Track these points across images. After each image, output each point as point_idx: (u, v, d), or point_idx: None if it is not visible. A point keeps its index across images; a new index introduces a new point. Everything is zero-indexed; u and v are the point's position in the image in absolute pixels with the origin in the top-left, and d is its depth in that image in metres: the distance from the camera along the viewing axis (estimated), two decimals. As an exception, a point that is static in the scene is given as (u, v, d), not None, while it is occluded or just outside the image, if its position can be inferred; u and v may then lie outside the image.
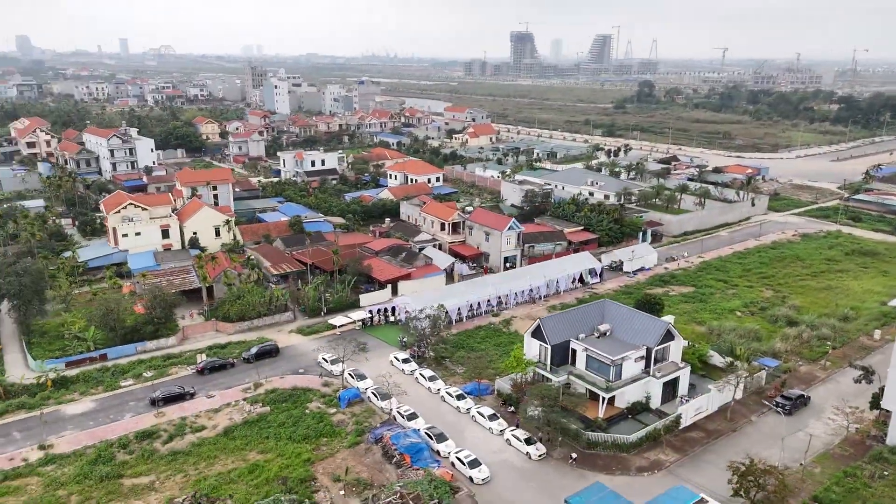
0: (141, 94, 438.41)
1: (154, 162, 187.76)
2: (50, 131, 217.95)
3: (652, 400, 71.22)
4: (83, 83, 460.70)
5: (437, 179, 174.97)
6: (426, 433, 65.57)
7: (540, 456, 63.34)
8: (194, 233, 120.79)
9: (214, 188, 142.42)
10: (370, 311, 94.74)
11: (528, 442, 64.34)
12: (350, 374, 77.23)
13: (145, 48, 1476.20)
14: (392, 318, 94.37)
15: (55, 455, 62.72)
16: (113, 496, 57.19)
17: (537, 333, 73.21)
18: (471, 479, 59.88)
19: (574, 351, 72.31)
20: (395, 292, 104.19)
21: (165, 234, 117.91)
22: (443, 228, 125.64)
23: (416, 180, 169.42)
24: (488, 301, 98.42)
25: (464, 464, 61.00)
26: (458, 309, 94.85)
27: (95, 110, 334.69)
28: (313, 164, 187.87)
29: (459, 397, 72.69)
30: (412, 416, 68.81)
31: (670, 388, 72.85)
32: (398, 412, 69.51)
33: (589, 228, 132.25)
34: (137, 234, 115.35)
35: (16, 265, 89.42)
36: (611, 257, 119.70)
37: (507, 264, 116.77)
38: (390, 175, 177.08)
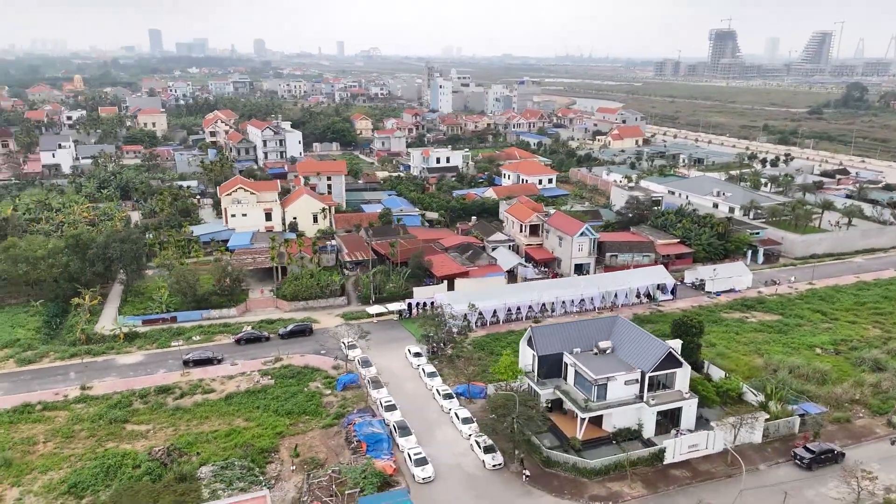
0: (331, 92, 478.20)
1: (300, 153, 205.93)
2: (230, 123, 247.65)
3: (644, 429, 65.87)
4: (286, 81, 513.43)
5: (550, 181, 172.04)
6: (394, 425, 66.90)
7: (494, 466, 61.81)
8: (294, 218, 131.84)
9: (329, 178, 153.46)
10: (409, 304, 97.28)
11: (488, 450, 63.00)
12: (358, 361, 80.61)
13: (357, 50, 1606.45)
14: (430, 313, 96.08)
15: (89, 396, 73.65)
16: (111, 437, 66.09)
17: (531, 342, 70.92)
18: (413, 476, 60.29)
19: (566, 365, 69.04)
20: (451, 288, 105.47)
21: (269, 217, 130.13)
22: (522, 230, 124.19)
23: (526, 180, 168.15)
24: (530, 307, 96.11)
25: (411, 460, 61.52)
26: (495, 311, 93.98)
27: (287, 105, 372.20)
28: (438, 161, 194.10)
29: (447, 396, 72.82)
30: (390, 408, 70.44)
31: (670, 419, 66.75)
32: (379, 402, 71.51)
33: (686, 242, 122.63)
34: (244, 215, 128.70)
35: (122, 234, 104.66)
36: (695, 274, 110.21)
37: (584, 272, 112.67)
38: (504, 175, 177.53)
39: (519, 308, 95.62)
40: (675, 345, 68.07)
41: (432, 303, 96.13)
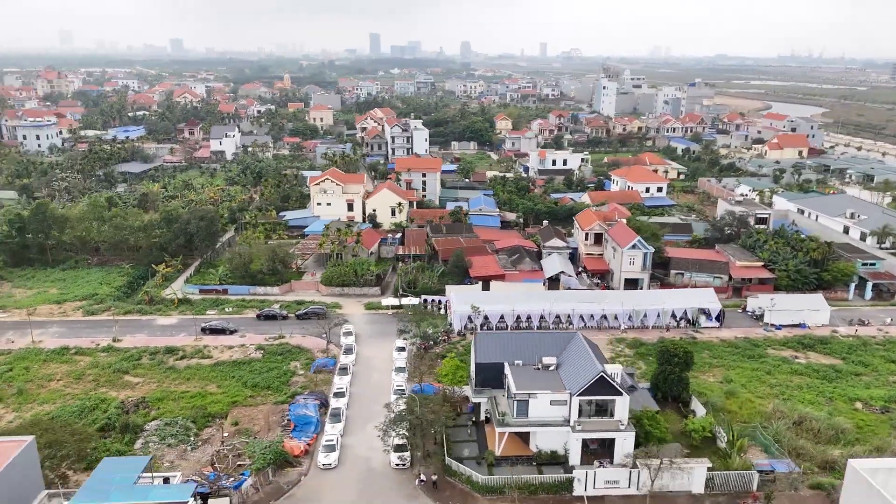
0: (505, 92, 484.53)
1: (426, 150, 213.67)
2: (379, 120, 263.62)
3: (570, 455, 61.44)
4: (462, 82, 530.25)
5: (659, 190, 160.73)
6: (332, 411, 69.55)
7: (397, 465, 61.83)
8: (374, 210, 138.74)
9: (423, 175, 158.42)
10: (423, 300, 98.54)
11: (398, 448, 63.06)
12: (343, 348, 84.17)
13: (559, 52, 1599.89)
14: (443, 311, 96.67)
15: (113, 347, 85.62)
16: (108, 384, 76.63)
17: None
18: (318, 461, 62.55)
19: (505, 376, 66.38)
20: (486, 288, 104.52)
21: (350, 207, 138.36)
22: (586, 238, 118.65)
23: (631, 187, 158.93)
24: (542, 317, 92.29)
25: (321, 445, 63.78)
26: (502, 316, 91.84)
27: (453, 105, 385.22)
28: (553, 163, 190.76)
29: (398, 392, 73.65)
30: (339, 395, 73.18)
31: (603, 448, 61.47)
32: (333, 388, 74.47)
33: (771, 266, 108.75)
34: (329, 204, 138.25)
35: (200, 212, 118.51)
36: (757, 303, 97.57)
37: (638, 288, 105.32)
38: (613, 180, 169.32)
39: (529, 316, 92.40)
40: (615, 370, 62.08)
41: (446, 301, 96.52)
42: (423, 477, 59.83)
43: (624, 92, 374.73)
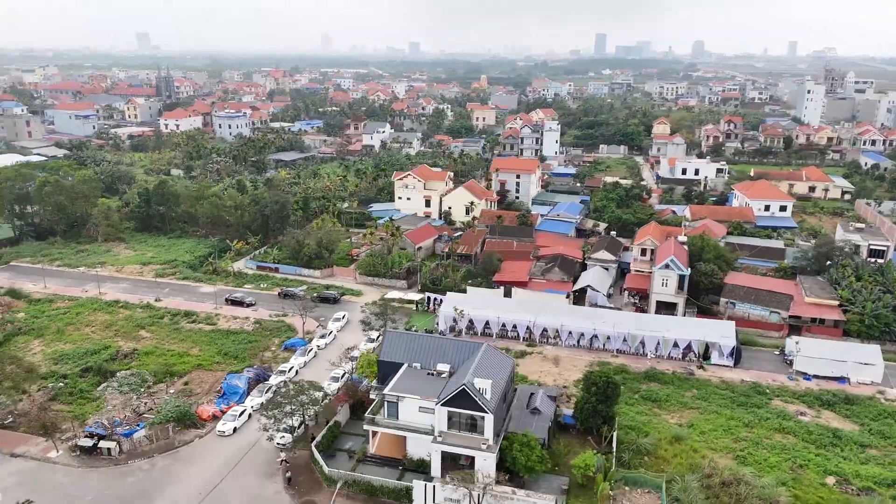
0: (706, 95, 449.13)
1: (556, 152, 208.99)
2: (528, 122, 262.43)
3: (432, 465, 59.56)
4: (661, 83, 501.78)
5: (783, 209, 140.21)
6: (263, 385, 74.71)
7: (277, 444, 64.40)
8: (449, 207, 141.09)
9: (518, 176, 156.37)
10: (427, 297, 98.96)
11: (288, 430, 65.94)
12: (319, 332, 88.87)
13: (810, 50, 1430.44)
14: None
15: (151, 306, 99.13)
16: (123, 335, 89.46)
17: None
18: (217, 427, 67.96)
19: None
20: (507, 294, 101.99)
21: (427, 203, 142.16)
22: (642, 254, 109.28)
23: (747, 203, 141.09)
24: (528, 328, 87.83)
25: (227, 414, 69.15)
26: (487, 322, 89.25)
27: (645, 107, 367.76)
28: (684, 171, 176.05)
29: (333, 379, 76.32)
30: (282, 372, 77.83)
31: (467, 465, 58.64)
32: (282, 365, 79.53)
33: (846, 307, 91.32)
34: (408, 199, 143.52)
35: (276, 197, 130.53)
36: (795, 346, 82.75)
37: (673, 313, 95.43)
38: (735, 195, 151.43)
39: (515, 326, 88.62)
40: (484, 384, 58.15)
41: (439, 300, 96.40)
42: (285, 457, 62.22)
43: (841, 97, 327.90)
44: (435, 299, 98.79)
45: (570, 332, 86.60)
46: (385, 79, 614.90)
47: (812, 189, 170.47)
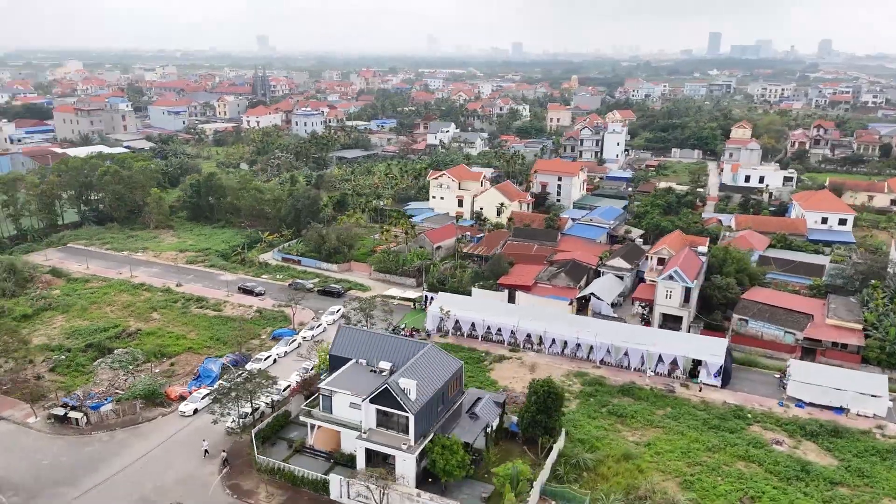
0: (816, 98, 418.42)
1: (617, 155, 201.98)
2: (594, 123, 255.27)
3: (357, 461, 60.03)
4: (767, 84, 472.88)
5: (842, 222, 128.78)
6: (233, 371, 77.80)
7: (228, 428, 66.92)
8: (481, 207, 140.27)
9: (559, 179, 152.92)
10: (426, 296, 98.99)
11: (241, 416, 68.29)
12: (309, 324, 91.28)
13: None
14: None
15: (171, 290, 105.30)
16: (136, 316, 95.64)
17: (341, 339, 70.17)
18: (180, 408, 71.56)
19: (345, 371, 66.66)
20: (511, 297, 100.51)
21: (460, 203, 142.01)
22: (659, 262, 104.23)
23: (802, 215, 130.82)
24: (512, 333, 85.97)
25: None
26: (473, 324, 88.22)
27: (733, 110, 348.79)
28: (747, 179, 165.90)
29: (303, 370, 78.26)
30: (258, 360, 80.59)
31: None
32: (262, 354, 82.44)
33: (869, 332, 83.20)
34: (442, 198, 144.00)
35: (307, 192, 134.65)
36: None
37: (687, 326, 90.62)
38: (794, 204, 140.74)
39: (500, 329, 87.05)
40: (410, 385, 57.63)
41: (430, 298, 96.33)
42: (224, 453, 64.41)
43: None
44: (432, 298, 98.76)
45: (554, 340, 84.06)
46: (478, 79, 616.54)
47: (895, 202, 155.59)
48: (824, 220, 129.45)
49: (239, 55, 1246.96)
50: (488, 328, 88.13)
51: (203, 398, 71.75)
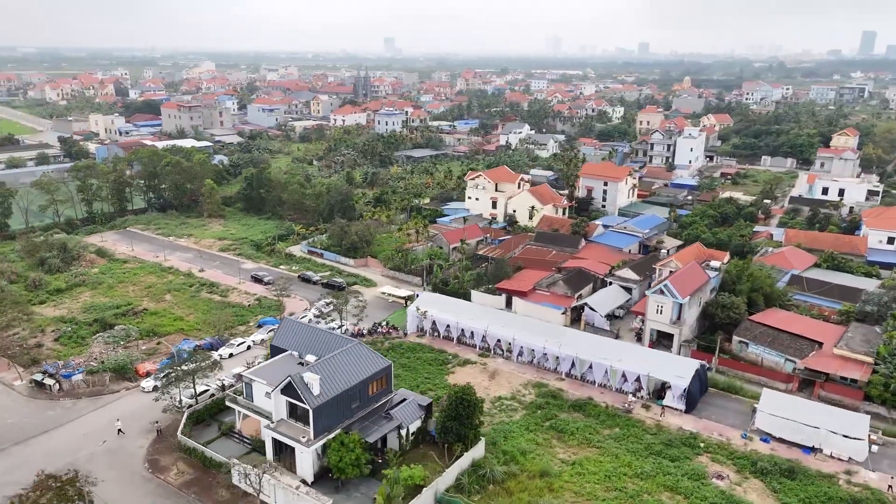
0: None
1: (690, 161, 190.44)
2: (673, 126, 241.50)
3: (266, 450, 61.47)
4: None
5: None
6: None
7: (164, 407, 70.28)
8: (513, 210, 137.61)
9: (605, 184, 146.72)
10: (417, 295, 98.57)
11: (190, 397, 71.64)
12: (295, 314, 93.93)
13: None
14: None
15: (192, 275, 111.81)
16: (150, 297, 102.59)
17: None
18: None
19: (284, 362, 68.13)
20: (509, 303, 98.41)
21: (494, 205, 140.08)
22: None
23: (866, 234, 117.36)
24: (483, 336, 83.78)
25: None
26: (448, 326, 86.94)
27: (864, 115, 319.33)
28: (825, 192, 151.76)
29: (265, 359, 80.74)
30: (231, 345, 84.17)
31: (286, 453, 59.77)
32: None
33: (877, 367, 73.77)
34: (477, 199, 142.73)
35: (341, 188, 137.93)
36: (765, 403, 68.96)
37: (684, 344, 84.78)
38: (864, 220, 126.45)
39: (472, 333, 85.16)
40: (313, 379, 57.90)
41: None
42: (157, 422, 68.03)
43: None
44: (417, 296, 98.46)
45: (522, 348, 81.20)
46: (588, 80, 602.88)
47: None
48: (890, 241, 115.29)
49: (363, 56, 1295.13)
50: (462, 331, 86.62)
51: (163, 376, 75.96)
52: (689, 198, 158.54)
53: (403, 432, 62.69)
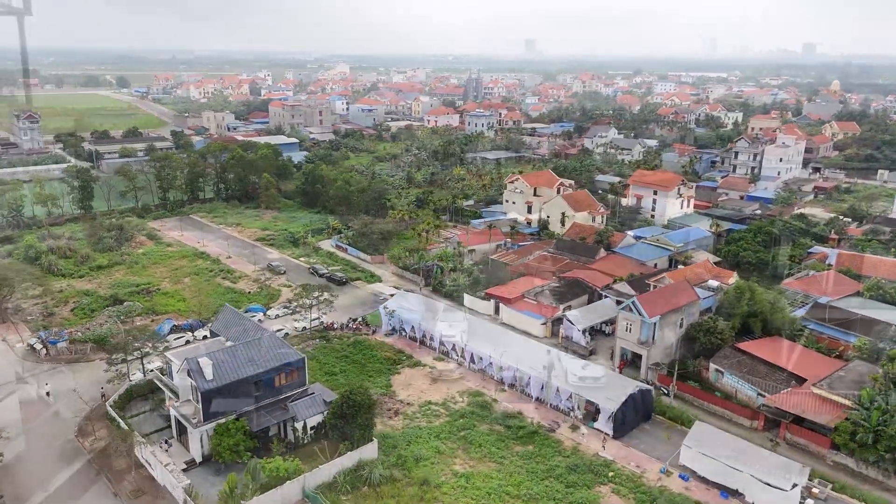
0: None
1: (779, 172, 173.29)
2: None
3: (172, 426, 64.90)
4: None
5: None
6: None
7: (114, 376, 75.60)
8: (547, 215, 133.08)
9: (655, 193, 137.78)
10: (392, 294, 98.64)
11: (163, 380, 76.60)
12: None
13: None
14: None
15: (219, 260, 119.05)
16: (171, 279, 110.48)
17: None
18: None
19: (215, 347, 71.24)
20: (496, 310, 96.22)
21: (529, 209, 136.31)
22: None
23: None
24: (440, 340, 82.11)
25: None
26: (412, 327, 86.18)
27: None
28: None
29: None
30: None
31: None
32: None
33: (852, 414, 64.06)
34: (513, 202, 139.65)
35: (374, 185, 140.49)
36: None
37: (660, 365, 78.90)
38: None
39: (432, 336, 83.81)
40: (207, 364, 59.96)
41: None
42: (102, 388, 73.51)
43: None
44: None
45: (472, 355, 78.87)
46: (727, 83, 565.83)
47: None
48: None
49: (501, 58, 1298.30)
50: (423, 333, 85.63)
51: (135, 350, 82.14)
52: (758, 212, 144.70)
53: (299, 425, 63.36)
